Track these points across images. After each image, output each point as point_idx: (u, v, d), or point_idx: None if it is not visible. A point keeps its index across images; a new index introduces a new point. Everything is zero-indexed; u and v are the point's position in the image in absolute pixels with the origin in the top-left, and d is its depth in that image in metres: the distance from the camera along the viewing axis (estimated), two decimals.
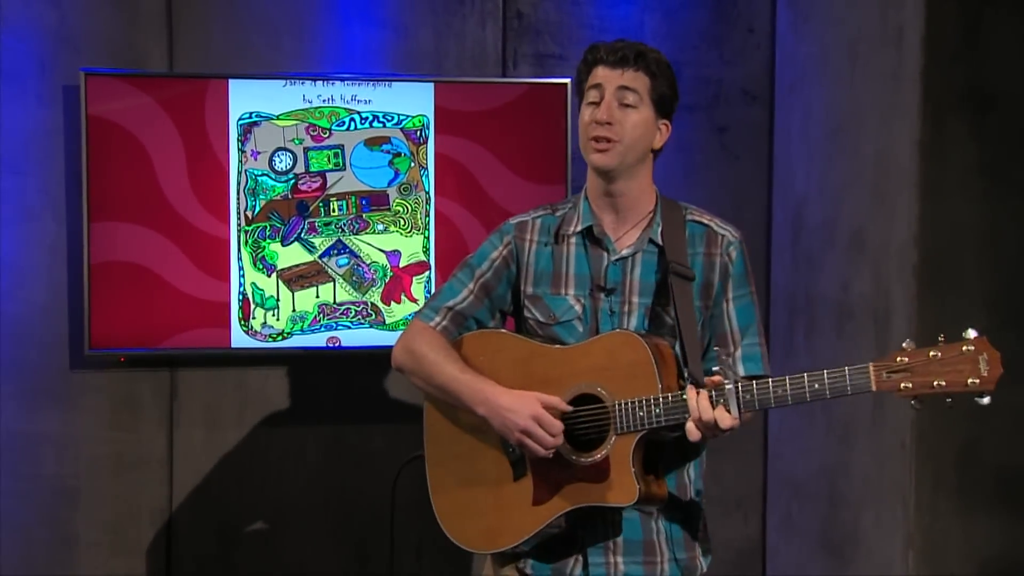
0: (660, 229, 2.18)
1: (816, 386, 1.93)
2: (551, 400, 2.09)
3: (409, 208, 3.47)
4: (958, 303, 2.89)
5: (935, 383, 1.86)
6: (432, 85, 3.46)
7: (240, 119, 3.38)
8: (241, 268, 3.40)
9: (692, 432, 2.00)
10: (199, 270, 3.38)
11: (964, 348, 1.87)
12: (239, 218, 3.40)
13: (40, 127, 3.39)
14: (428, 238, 3.47)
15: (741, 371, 2.19)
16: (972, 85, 2.89)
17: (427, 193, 3.47)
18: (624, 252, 2.18)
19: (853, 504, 3.23)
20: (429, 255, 3.48)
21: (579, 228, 2.20)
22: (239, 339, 3.41)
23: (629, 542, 2.17)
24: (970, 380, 1.85)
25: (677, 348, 2.14)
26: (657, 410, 2.03)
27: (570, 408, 2.10)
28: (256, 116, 3.39)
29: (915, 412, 2.88)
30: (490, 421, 2.12)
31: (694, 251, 2.19)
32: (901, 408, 2.95)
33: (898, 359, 1.88)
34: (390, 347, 2.27)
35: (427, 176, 3.47)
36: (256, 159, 3.40)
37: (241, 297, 3.41)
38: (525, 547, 2.18)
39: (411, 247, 3.47)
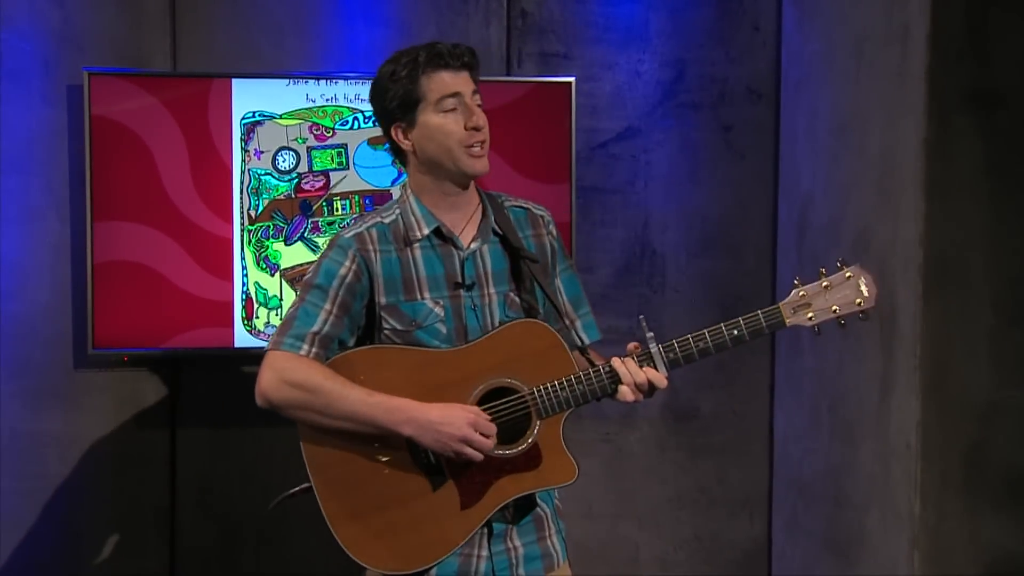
0: (493, 218, 2.23)
1: (736, 332, 2.10)
2: (479, 414, 2.09)
3: None
4: (964, 302, 2.88)
5: (832, 308, 2.12)
6: None
7: (243, 118, 3.38)
8: (244, 267, 3.40)
9: (627, 395, 2.10)
10: (202, 269, 3.38)
11: (847, 275, 2.12)
12: (242, 217, 3.40)
13: (44, 127, 3.39)
14: None
15: (585, 339, 2.28)
16: (978, 83, 2.87)
17: None
18: (472, 246, 2.21)
19: (858, 505, 3.21)
20: None
21: (426, 231, 2.19)
22: (242, 339, 3.41)
23: (523, 524, 2.21)
24: (856, 300, 2.12)
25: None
26: (581, 387, 2.11)
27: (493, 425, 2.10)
28: (259, 115, 3.39)
29: (920, 412, 2.89)
30: (419, 439, 2.08)
31: (524, 234, 2.25)
32: (906, 409, 2.93)
33: (799, 295, 2.12)
34: None
35: None
36: (259, 158, 3.39)
37: (244, 296, 3.41)
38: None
39: None
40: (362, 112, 3.42)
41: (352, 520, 2.14)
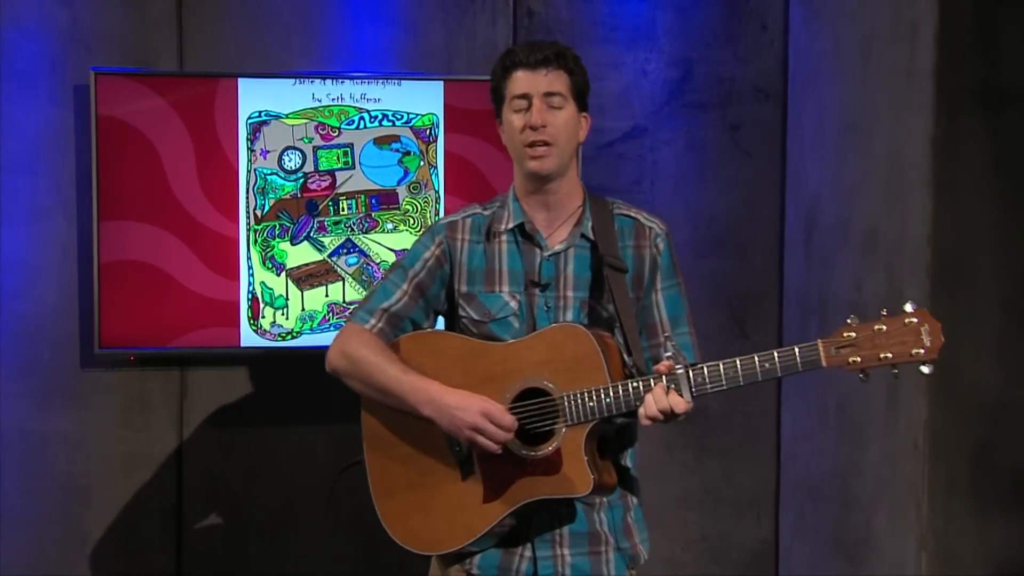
0: (590, 224, 2.22)
1: (767, 365, 1.99)
2: (495, 406, 2.10)
3: (419, 207, 3.46)
4: (971, 302, 2.86)
5: (881, 355, 1.92)
6: (442, 83, 3.44)
7: (249, 118, 3.38)
8: (250, 267, 3.40)
9: (645, 415, 2.05)
10: (209, 269, 3.38)
11: (907, 320, 1.91)
12: (248, 217, 3.39)
13: (51, 126, 3.39)
14: None
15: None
16: (986, 82, 2.86)
17: (437, 192, 3.46)
18: (557, 248, 2.21)
19: (866, 506, 3.20)
20: None
21: (510, 225, 2.22)
22: (248, 338, 3.41)
23: (575, 533, 2.20)
24: (914, 350, 1.91)
25: (619, 338, 2.17)
26: (608, 400, 2.07)
27: (512, 419, 2.11)
28: (265, 115, 3.39)
29: (928, 413, 2.87)
30: (437, 421, 2.13)
31: (624, 244, 2.23)
32: (914, 409, 2.92)
33: (845, 335, 1.94)
34: None
35: (437, 175, 3.46)
36: (265, 158, 3.39)
37: (250, 296, 3.41)
38: (474, 547, 2.19)
39: None
40: (368, 112, 3.42)
41: (391, 496, 2.22)
